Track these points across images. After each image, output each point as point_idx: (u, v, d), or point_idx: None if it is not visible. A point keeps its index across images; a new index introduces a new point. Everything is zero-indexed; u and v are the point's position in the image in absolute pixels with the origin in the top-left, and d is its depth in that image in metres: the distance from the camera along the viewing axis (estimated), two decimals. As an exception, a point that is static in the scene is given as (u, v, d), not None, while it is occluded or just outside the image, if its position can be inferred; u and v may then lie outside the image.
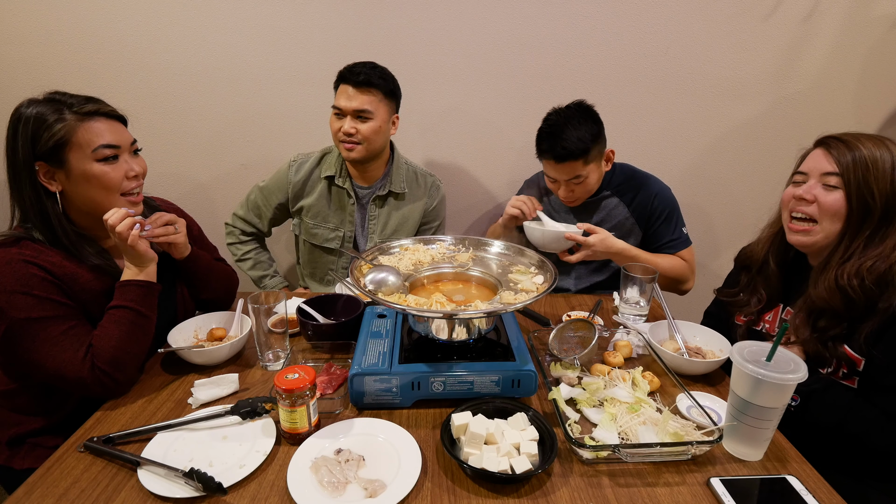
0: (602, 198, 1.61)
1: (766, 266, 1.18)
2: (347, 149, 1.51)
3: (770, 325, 1.17)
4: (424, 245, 1.24)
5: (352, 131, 1.48)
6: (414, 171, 1.71)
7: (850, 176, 0.99)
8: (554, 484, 0.80)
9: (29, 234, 0.99)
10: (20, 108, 0.97)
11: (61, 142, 0.96)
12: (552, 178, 1.53)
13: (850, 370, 0.99)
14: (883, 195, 0.97)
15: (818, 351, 1.00)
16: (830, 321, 1.00)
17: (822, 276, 1.02)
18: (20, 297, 0.92)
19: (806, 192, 1.04)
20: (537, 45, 1.82)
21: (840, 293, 0.98)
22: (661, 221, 1.57)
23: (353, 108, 1.47)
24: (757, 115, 1.93)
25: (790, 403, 0.98)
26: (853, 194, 0.99)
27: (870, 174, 0.97)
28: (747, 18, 1.80)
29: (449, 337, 1.01)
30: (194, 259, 1.21)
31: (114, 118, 1.04)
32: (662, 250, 1.56)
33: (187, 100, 1.85)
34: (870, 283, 0.96)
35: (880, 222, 0.98)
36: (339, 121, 1.51)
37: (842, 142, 1.02)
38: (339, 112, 1.50)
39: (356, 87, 1.47)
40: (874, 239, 0.99)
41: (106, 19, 1.73)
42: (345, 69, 1.50)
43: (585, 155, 1.43)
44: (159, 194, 1.32)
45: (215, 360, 1.09)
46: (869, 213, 0.98)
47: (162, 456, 0.83)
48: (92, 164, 0.98)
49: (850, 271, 0.98)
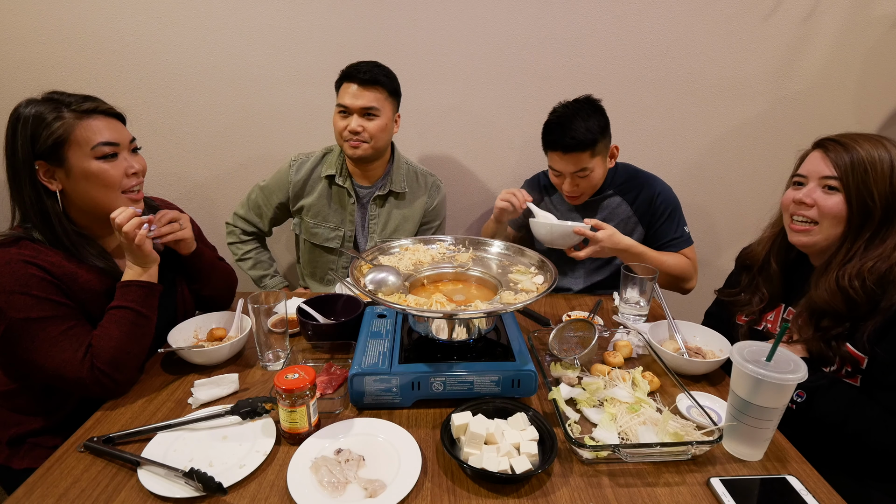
0: (605, 196, 1.61)
1: (767, 266, 1.18)
2: (353, 147, 1.50)
3: (772, 325, 1.17)
4: (424, 245, 1.24)
5: (359, 129, 1.48)
6: (414, 170, 1.71)
7: (848, 179, 0.99)
8: (554, 484, 0.80)
9: (28, 235, 0.99)
10: (19, 107, 0.98)
11: (60, 140, 0.96)
12: (557, 171, 1.52)
13: (853, 368, 0.99)
14: (882, 196, 0.97)
15: (821, 350, 1.00)
16: (833, 321, 1.01)
17: (824, 278, 1.02)
18: (19, 297, 0.92)
19: (806, 196, 1.04)
20: (537, 45, 1.82)
21: (841, 294, 0.98)
22: (664, 220, 1.57)
23: (360, 105, 1.47)
24: (757, 115, 1.93)
25: (794, 400, 0.98)
26: (853, 197, 0.99)
27: (869, 176, 0.97)
28: (747, 18, 1.80)
29: (449, 337, 1.01)
30: (199, 255, 1.21)
31: (112, 116, 1.04)
32: (665, 248, 1.56)
33: (187, 100, 1.85)
34: (871, 283, 0.96)
35: (881, 223, 0.98)
36: (344, 119, 1.50)
37: (840, 144, 1.02)
38: (345, 110, 1.49)
39: (362, 84, 1.47)
40: (875, 240, 0.99)
41: (106, 19, 1.73)
42: (349, 67, 1.50)
43: (593, 146, 1.43)
44: (159, 194, 1.33)
45: (215, 360, 1.09)
46: (869, 214, 0.98)
47: (162, 456, 0.83)
48: (91, 161, 0.99)
49: (851, 273, 0.98)
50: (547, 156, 1.54)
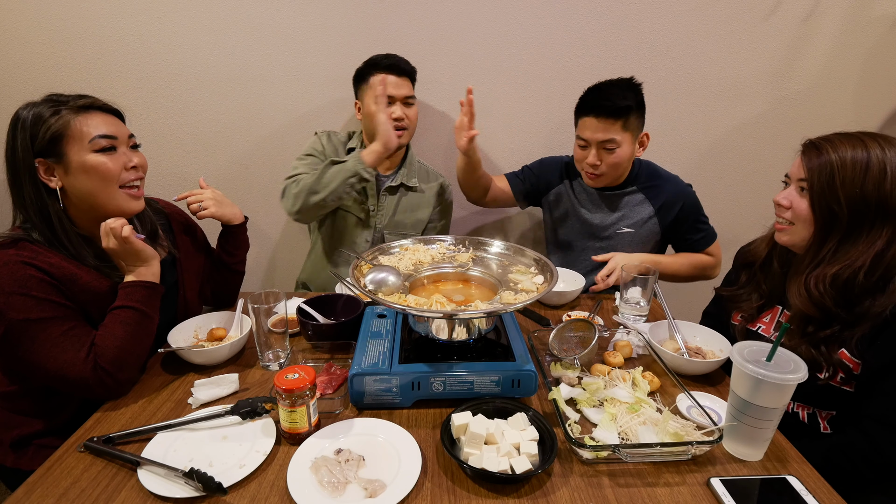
0: (627, 192, 1.60)
1: (769, 264, 1.18)
2: (399, 135, 1.53)
3: (766, 327, 1.16)
4: (424, 245, 1.24)
5: (402, 116, 1.56)
6: (426, 169, 1.76)
7: (813, 181, 0.98)
8: (554, 484, 0.80)
9: (27, 236, 0.98)
10: (19, 111, 0.99)
11: (57, 135, 0.96)
12: (585, 140, 1.48)
13: (847, 375, 0.99)
14: (851, 201, 0.95)
15: (812, 355, 0.99)
16: (817, 325, 1.00)
17: (794, 283, 1.03)
18: (18, 298, 0.92)
19: (783, 199, 1.05)
20: (537, 46, 1.82)
21: (810, 300, 0.98)
22: (688, 226, 1.59)
23: (404, 94, 1.56)
24: (757, 115, 1.93)
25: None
26: (816, 201, 0.98)
27: (835, 180, 0.95)
28: (747, 18, 1.80)
29: (449, 337, 1.01)
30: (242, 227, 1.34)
31: (109, 111, 1.05)
32: (690, 250, 1.60)
33: (187, 100, 1.85)
34: (835, 290, 0.95)
35: (850, 228, 0.97)
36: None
37: (815, 146, 1.01)
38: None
39: (399, 75, 1.56)
40: (845, 244, 0.97)
41: (106, 19, 1.73)
42: (382, 58, 1.56)
43: (626, 115, 1.42)
44: (159, 194, 1.32)
45: (215, 360, 1.09)
46: (835, 218, 0.97)
47: (162, 456, 0.83)
48: (89, 154, 0.99)
49: (817, 277, 0.98)
50: (577, 125, 1.53)
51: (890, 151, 0.94)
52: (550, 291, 1.00)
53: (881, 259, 0.94)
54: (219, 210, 1.27)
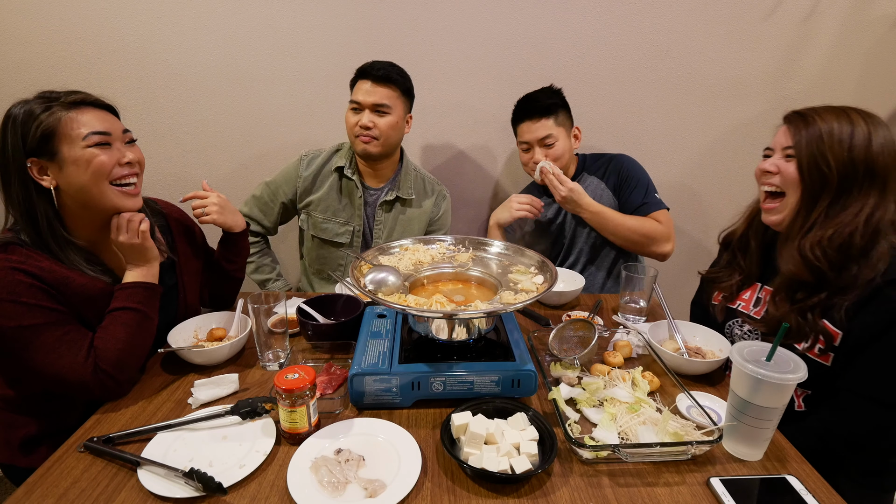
0: (581, 179, 1.70)
1: (746, 243, 1.20)
2: (364, 142, 1.52)
3: (746, 304, 1.17)
4: (424, 245, 1.24)
5: (369, 125, 1.50)
6: (422, 178, 1.72)
7: (801, 147, 1.01)
8: (554, 484, 0.80)
9: (18, 239, 0.96)
10: (10, 109, 0.96)
11: (49, 131, 0.94)
12: (527, 142, 1.62)
13: (826, 345, 0.99)
14: (840, 164, 0.97)
15: (799, 324, 1.00)
16: (806, 292, 1.01)
17: (787, 248, 1.04)
18: (8, 305, 0.90)
19: (770, 165, 1.07)
20: (538, 45, 1.82)
21: (805, 264, 0.99)
22: (633, 188, 1.64)
23: (372, 101, 1.50)
24: (757, 115, 1.93)
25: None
26: (804, 164, 1.00)
27: (824, 144, 0.98)
28: (747, 18, 1.80)
29: (449, 337, 1.01)
30: (244, 234, 1.34)
31: (102, 107, 1.03)
32: (637, 213, 1.62)
33: (187, 100, 1.85)
34: (832, 252, 0.97)
35: (839, 191, 0.99)
36: (356, 115, 1.52)
37: (801, 116, 1.04)
38: (357, 106, 1.52)
39: (375, 81, 1.50)
40: (835, 207, 0.99)
41: (106, 19, 1.73)
42: (365, 65, 1.52)
43: (555, 112, 1.58)
44: (159, 194, 1.32)
45: (215, 360, 1.09)
46: (825, 181, 0.99)
47: (162, 456, 0.83)
48: (83, 150, 0.96)
49: (812, 241, 0.99)
50: (517, 134, 1.66)
51: (871, 123, 0.99)
52: (550, 291, 1.00)
53: (871, 221, 0.96)
54: (221, 217, 1.26)
